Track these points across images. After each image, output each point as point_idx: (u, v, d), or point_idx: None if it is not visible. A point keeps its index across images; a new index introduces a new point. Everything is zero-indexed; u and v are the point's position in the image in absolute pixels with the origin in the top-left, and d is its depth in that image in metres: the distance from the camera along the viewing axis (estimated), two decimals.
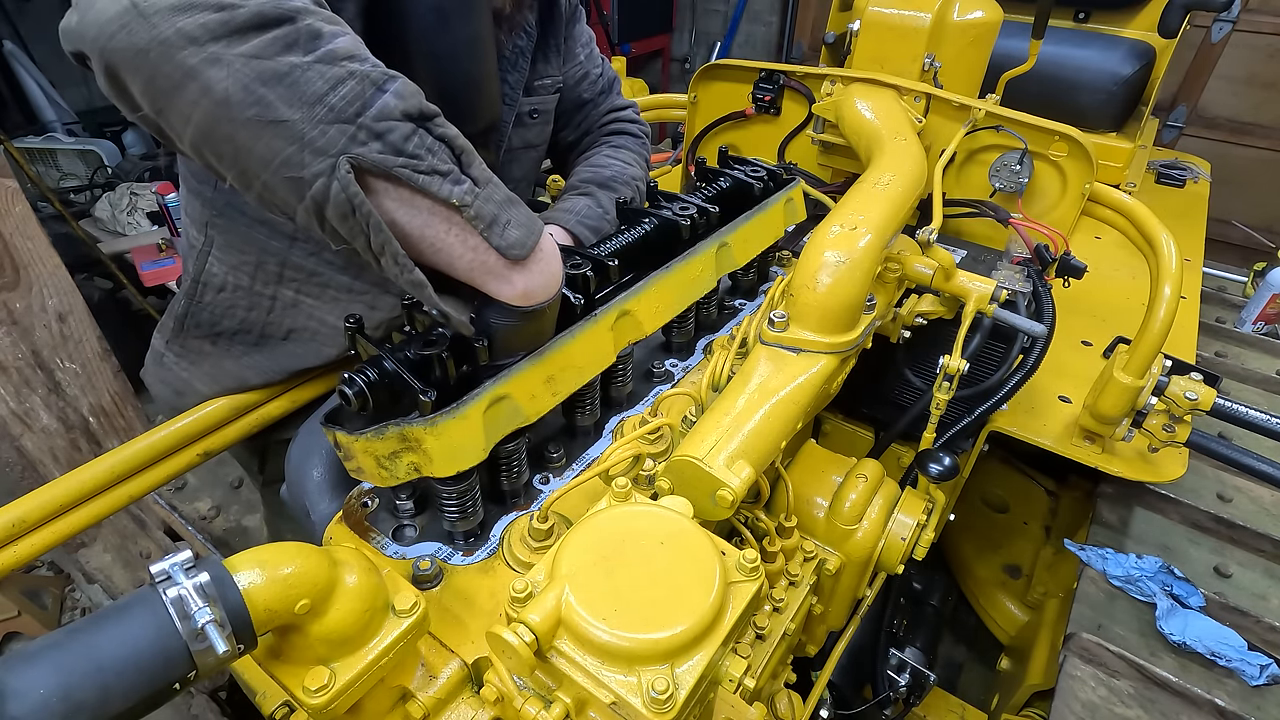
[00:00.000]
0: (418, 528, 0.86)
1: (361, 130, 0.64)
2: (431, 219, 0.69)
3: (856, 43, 1.60)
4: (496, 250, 0.72)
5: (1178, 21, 2.34)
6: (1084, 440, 1.44)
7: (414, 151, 0.66)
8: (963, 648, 2.22)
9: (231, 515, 2.12)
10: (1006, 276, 1.36)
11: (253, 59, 0.62)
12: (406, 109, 0.66)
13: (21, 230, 1.68)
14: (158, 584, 0.53)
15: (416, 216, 0.69)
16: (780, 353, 0.99)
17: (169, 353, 1.24)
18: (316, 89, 0.63)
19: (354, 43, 0.68)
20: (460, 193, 0.68)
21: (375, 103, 0.64)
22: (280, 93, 0.62)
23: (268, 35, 0.62)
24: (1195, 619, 1.25)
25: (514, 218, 0.73)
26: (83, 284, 2.42)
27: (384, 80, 0.66)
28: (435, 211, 0.69)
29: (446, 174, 0.68)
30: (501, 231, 0.72)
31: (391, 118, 0.65)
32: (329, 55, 0.64)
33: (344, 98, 0.63)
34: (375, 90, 0.65)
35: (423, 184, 0.66)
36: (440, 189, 0.67)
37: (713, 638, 0.62)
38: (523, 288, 0.75)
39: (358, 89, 0.64)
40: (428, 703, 0.70)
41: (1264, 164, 3.91)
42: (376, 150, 0.64)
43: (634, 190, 1.36)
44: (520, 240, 0.73)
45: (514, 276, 0.75)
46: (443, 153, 0.68)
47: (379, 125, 0.64)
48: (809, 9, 5.19)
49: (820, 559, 1.18)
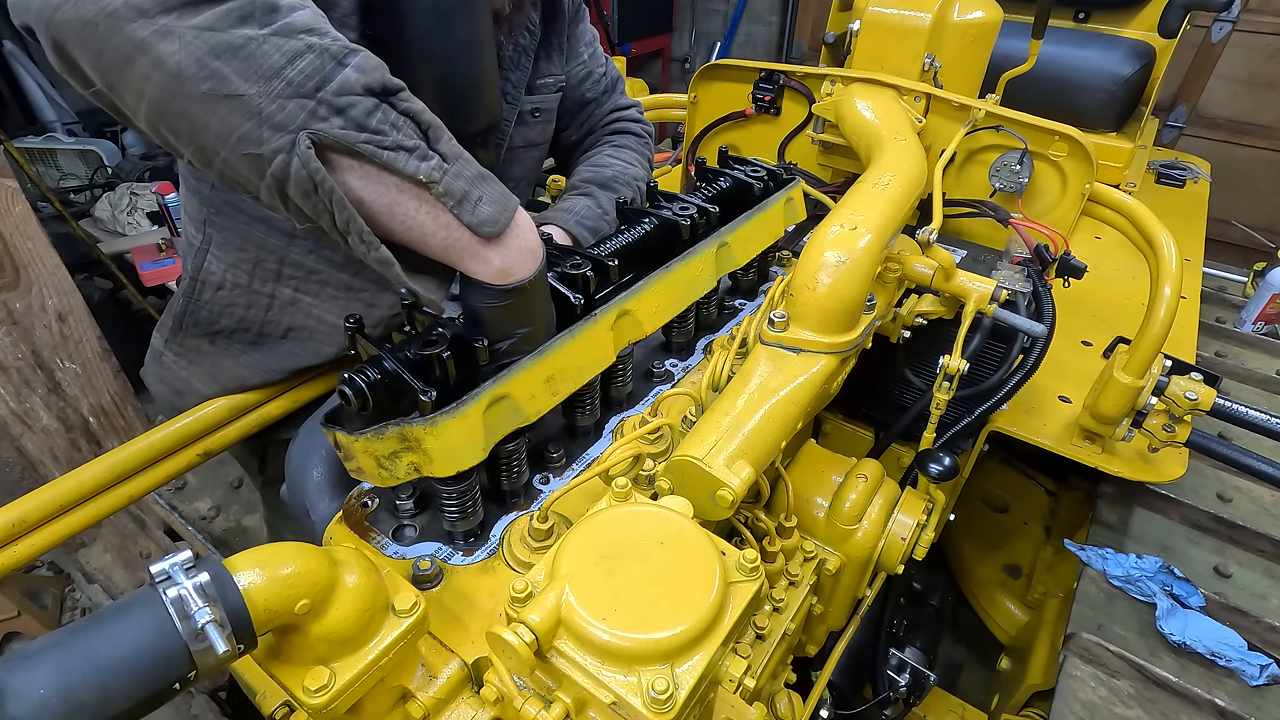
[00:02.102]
0: (418, 528, 0.86)
1: (322, 105, 0.62)
2: (399, 195, 0.68)
3: (856, 43, 1.60)
4: (468, 228, 0.70)
5: (1178, 21, 2.34)
6: (1084, 440, 1.44)
7: (377, 127, 0.64)
8: (963, 648, 2.22)
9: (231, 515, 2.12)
10: (1006, 276, 1.36)
11: (205, 31, 0.60)
12: (369, 83, 0.64)
13: (21, 230, 1.68)
14: (158, 584, 0.53)
15: (383, 193, 0.68)
16: (780, 353, 0.99)
17: (168, 352, 1.23)
18: (273, 62, 0.61)
19: (314, 16, 0.66)
20: (427, 168, 0.67)
21: (336, 77, 0.63)
22: (235, 66, 0.60)
23: (221, 7, 0.61)
24: (1195, 619, 1.25)
25: (485, 194, 0.71)
26: (83, 284, 2.42)
27: (345, 54, 0.64)
28: (402, 188, 0.68)
29: (412, 150, 0.66)
30: (473, 208, 0.70)
31: (353, 92, 0.63)
32: (286, 28, 0.62)
33: (302, 71, 0.62)
34: (335, 64, 0.63)
35: (387, 160, 0.65)
36: (406, 165, 0.66)
37: (713, 638, 0.62)
38: (499, 264, 0.74)
39: (317, 63, 0.62)
40: (428, 703, 0.70)
41: (1264, 164, 3.91)
42: (338, 126, 0.63)
43: (635, 190, 1.36)
44: (493, 217, 0.71)
45: (489, 254, 0.73)
46: (408, 128, 0.67)
47: (340, 100, 0.63)
48: (809, 9, 5.19)
49: (820, 559, 1.18)
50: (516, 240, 0.75)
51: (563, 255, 0.96)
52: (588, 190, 1.33)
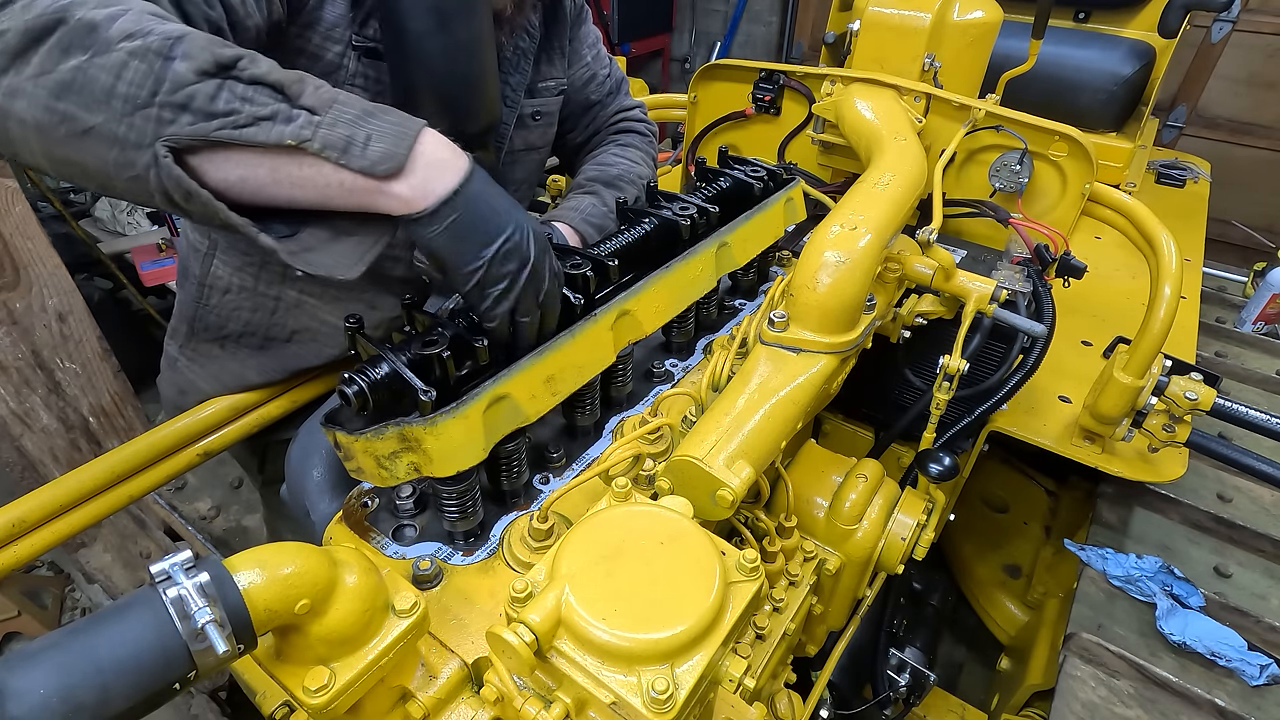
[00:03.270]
0: (418, 528, 0.86)
1: (165, 109, 0.60)
2: (279, 164, 0.66)
3: (856, 43, 1.60)
4: (362, 174, 0.66)
5: (1178, 21, 2.34)
6: (1084, 440, 1.44)
7: (226, 109, 0.62)
8: (963, 648, 2.22)
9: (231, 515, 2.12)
10: (1006, 276, 1.36)
11: (40, 77, 0.59)
12: (200, 67, 0.62)
13: (21, 230, 1.68)
14: (158, 584, 0.53)
15: (261, 168, 0.65)
16: (780, 353, 0.99)
17: (181, 357, 1.25)
18: (104, 84, 0.60)
19: (136, 19, 0.63)
20: (294, 130, 0.64)
21: (167, 75, 0.61)
22: (77, 101, 0.60)
23: (43, 47, 0.60)
24: (1195, 619, 1.25)
25: (375, 131, 0.68)
26: (83, 284, 2.42)
27: (169, 47, 0.62)
28: (277, 157, 0.65)
29: (272, 116, 0.64)
30: (361, 151, 0.66)
31: (187, 83, 0.61)
32: (104, 45, 0.60)
33: (132, 83, 0.60)
34: (163, 62, 0.61)
35: (247, 137, 0.62)
36: (269, 135, 0.63)
37: (713, 638, 0.62)
38: (407, 193, 0.69)
39: (143, 68, 0.60)
40: (428, 703, 0.70)
41: (1264, 164, 3.91)
42: (188, 123, 0.61)
43: (640, 189, 1.36)
44: (387, 152, 0.67)
45: (395, 186, 0.69)
46: (261, 96, 0.64)
47: (178, 96, 0.61)
48: (809, 9, 5.19)
49: (820, 559, 1.18)
50: (423, 160, 0.70)
51: (563, 255, 0.96)
52: (593, 189, 1.33)
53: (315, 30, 0.97)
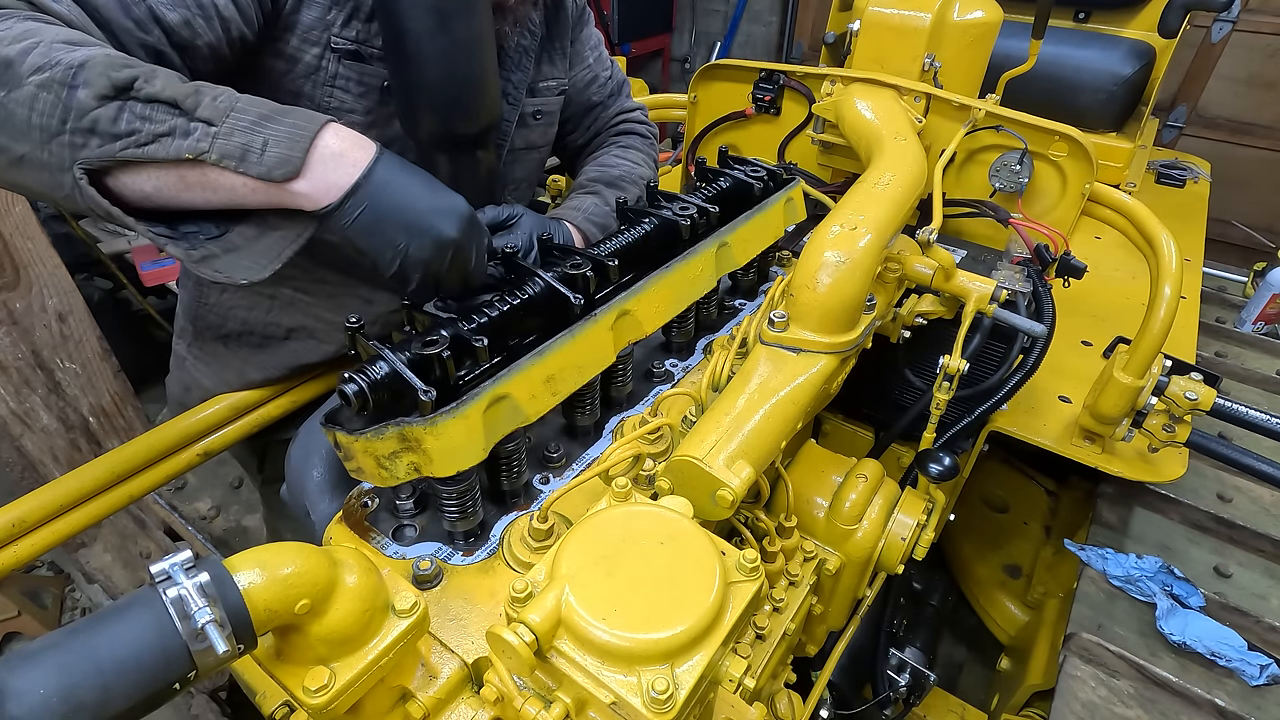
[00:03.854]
0: (418, 528, 0.86)
1: (75, 135, 0.64)
2: (185, 174, 0.69)
3: (856, 43, 1.60)
4: (261, 179, 0.69)
5: (1178, 21, 2.34)
6: (1084, 440, 1.44)
7: (128, 129, 0.65)
8: (963, 648, 2.22)
9: (231, 515, 2.12)
10: (1006, 276, 1.36)
11: None
12: (99, 92, 0.65)
13: (21, 230, 1.68)
14: (158, 584, 0.53)
15: (170, 180, 0.69)
16: (780, 353, 0.99)
17: (189, 356, 1.27)
18: (21, 116, 0.64)
19: (45, 51, 0.66)
20: (190, 144, 0.67)
21: (73, 103, 0.64)
22: (4, 133, 0.64)
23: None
24: (1195, 619, 1.25)
25: (272, 136, 0.69)
26: (83, 284, 2.42)
27: (70, 75, 0.65)
28: (180, 169, 0.68)
29: (170, 132, 0.67)
30: (259, 158, 0.69)
31: (88, 110, 0.65)
32: (16, 79, 0.64)
33: (43, 113, 0.64)
34: (67, 91, 0.64)
35: (149, 154, 0.66)
36: (168, 151, 0.66)
37: (713, 638, 0.62)
38: (308, 190, 0.72)
39: (51, 99, 0.64)
40: (428, 703, 0.70)
41: (1264, 164, 3.91)
42: (96, 146, 0.65)
43: (641, 189, 1.36)
44: (284, 157, 0.69)
45: (296, 186, 0.71)
46: (158, 113, 0.67)
47: (84, 122, 0.64)
48: (809, 9, 5.19)
49: (820, 559, 1.18)
50: (322, 156, 0.72)
51: (563, 255, 0.96)
52: (595, 189, 1.33)
53: (293, 33, 0.97)
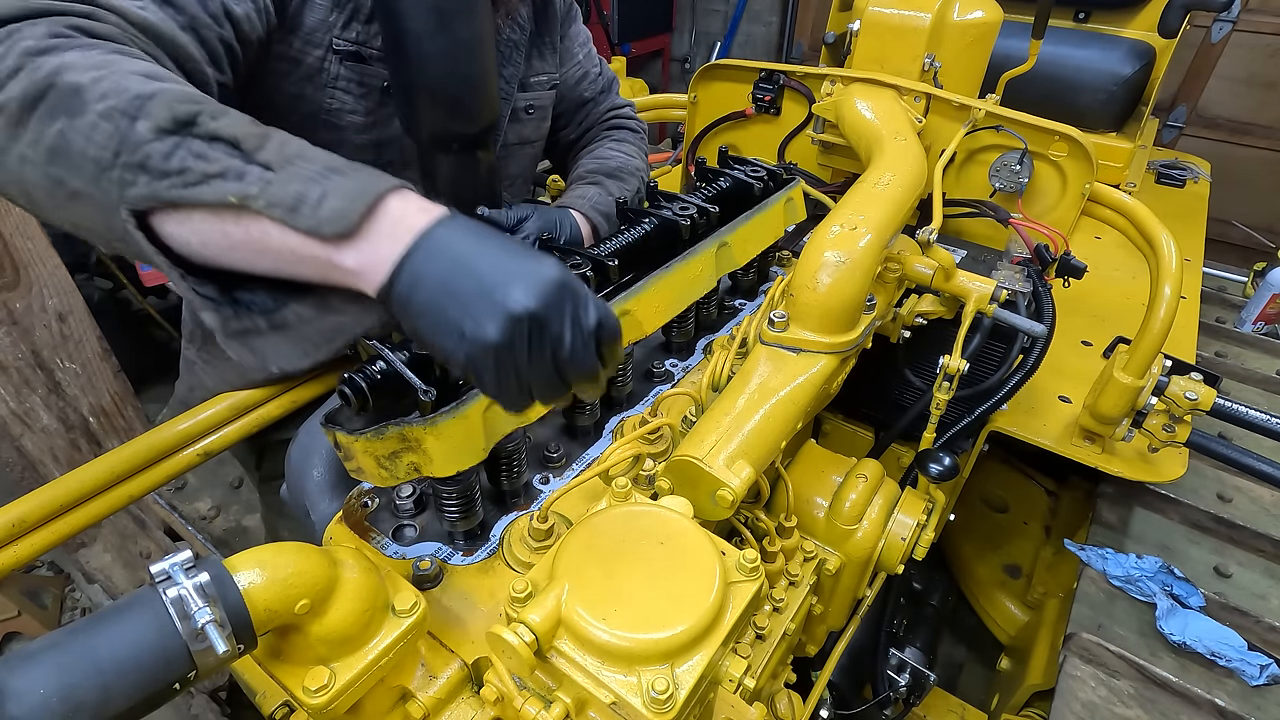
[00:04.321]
0: (418, 528, 0.86)
1: (126, 170, 0.59)
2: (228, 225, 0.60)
3: (856, 43, 1.60)
4: (308, 233, 0.58)
5: (1178, 21, 2.34)
6: (1084, 440, 1.44)
7: (179, 166, 0.59)
8: (963, 648, 2.22)
9: (231, 515, 2.12)
10: (1006, 276, 1.36)
11: (35, 144, 0.60)
12: (158, 125, 0.60)
13: (21, 230, 1.68)
14: (158, 584, 0.53)
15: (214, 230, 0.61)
16: (780, 353, 0.99)
17: (199, 360, 1.27)
18: (79, 147, 0.59)
19: (118, 80, 0.61)
20: (239, 188, 0.58)
21: (131, 135, 0.59)
22: (64, 165, 0.60)
23: (36, 113, 0.60)
24: (1195, 619, 1.25)
25: (333, 188, 0.59)
26: (83, 284, 2.42)
27: (137, 106, 0.60)
28: (226, 217, 0.60)
29: (222, 173, 0.59)
30: (312, 210, 0.58)
31: (144, 143, 0.59)
32: (82, 107, 0.60)
33: (100, 145, 0.59)
34: (129, 122, 0.59)
35: (194, 196, 0.59)
36: (214, 193, 0.59)
37: (713, 638, 0.62)
38: (354, 263, 0.59)
39: (110, 129, 0.59)
40: (428, 703, 0.70)
41: (1264, 164, 3.91)
42: (144, 183, 0.59)
43: (639, 180, 1.37)
44: (339, 211, 0.58)
45: (343, 254, 0.59)
46: (215, 152, 0.60)
47: (135, 157, 0.59)
48: (809, 9, 5.18)
49: (820, 559, 1.18)
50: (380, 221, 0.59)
51: (563, 255, 0.96)
52: (596, 179, 1.34)
53: (296, 35, 0.97)
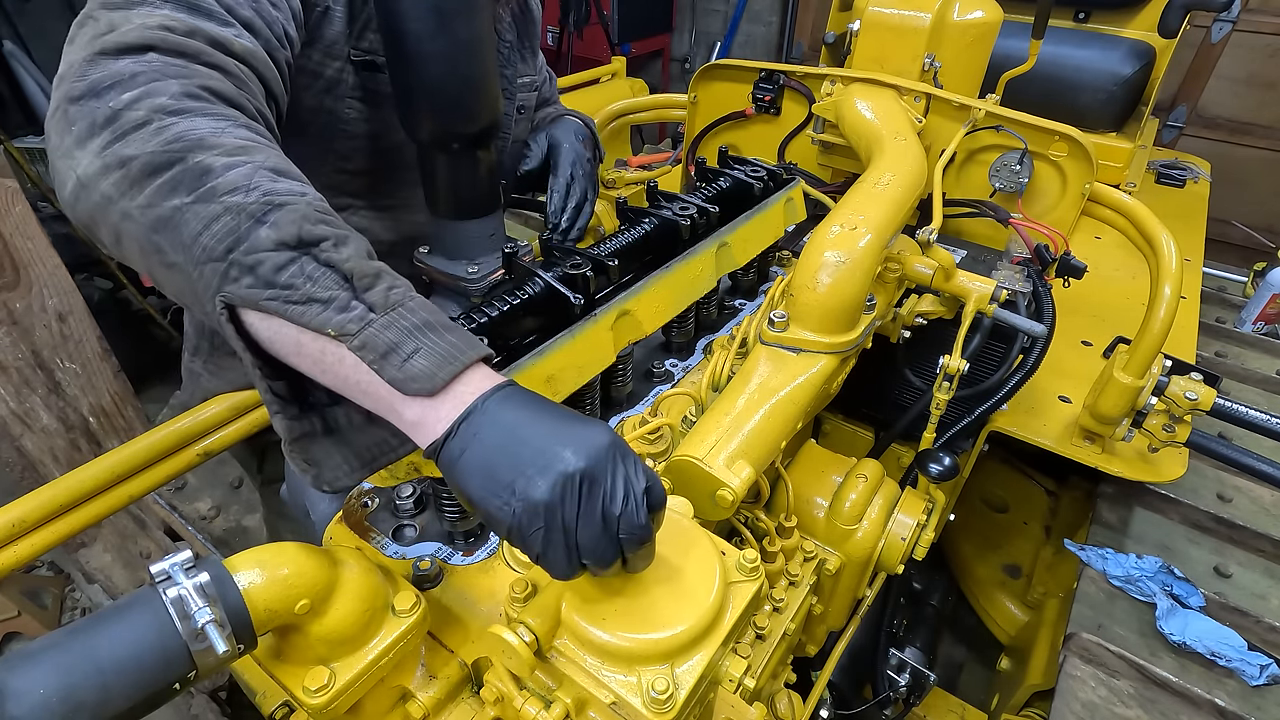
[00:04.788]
0: (418, 528, 0.86)
1: (233, 267, 0.61)
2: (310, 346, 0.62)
3: (856, 43, 1.60)
4: (391, 384, 0.61)
5: (1178, 21, 2.34)
6: (1084, 440, 1.44)
7: (288, 281, 0.61)
8: (963, 648, 2.22)
9: (231, 515, 2.12)
10: (1006, 276, 1.36)
11: (146, 208, 0.62)
12: (281, 238, 0.61)
13: (21, 230, 1.68)
14: (158, 584, 0.53)
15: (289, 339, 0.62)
16: (780, 353, 0.99)
17: (205, 372, 1.28)
18: (192, 230, 0.61)
19: (249, 173, 0.63)
20: (340, 320, 0.61)
21: (249, 236, 0.61)
22: (167, 238, 0.62)
23: (156, 181, 0.62)
24: (1195, 619, 1.25)
25: (426, 346, 0.62)
26: (83, 284, 2.42)
27: (264, 211, 0.62)
28: (315, 339, 0.62)
29: (328, 302, 0.61)
30: (401, 363, 0.61)
31: (262, 249, 0.61)
32: (209, 193, 0.62)
33: (216, 235, 0.61)
34: (253, 224, 0.61)
35: (293, 314, 0.60)
36: (315, 318, 0.60)
37: (713, 638, 0.62)
38: (414, 416, 0.62)
39: (231, 224, 0.61)
40: (428, 703, 0.70)
41: (1264, 164, 3.91)
42: (246, 285, 0.60)
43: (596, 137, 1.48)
44: (427, 372, 0.61)
45: (411, 407, 0.62)
46: (326, 279, 0.62)
47: (248, 259, 0.61)
48: (809, 9, 5.18)
49: (820, 559, 1.18)
50: (453, 400, 0.62)
51: (563, 255, 0.96)
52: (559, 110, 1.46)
53: (316, 48, 0.97)
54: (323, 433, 0.67)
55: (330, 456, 0.67)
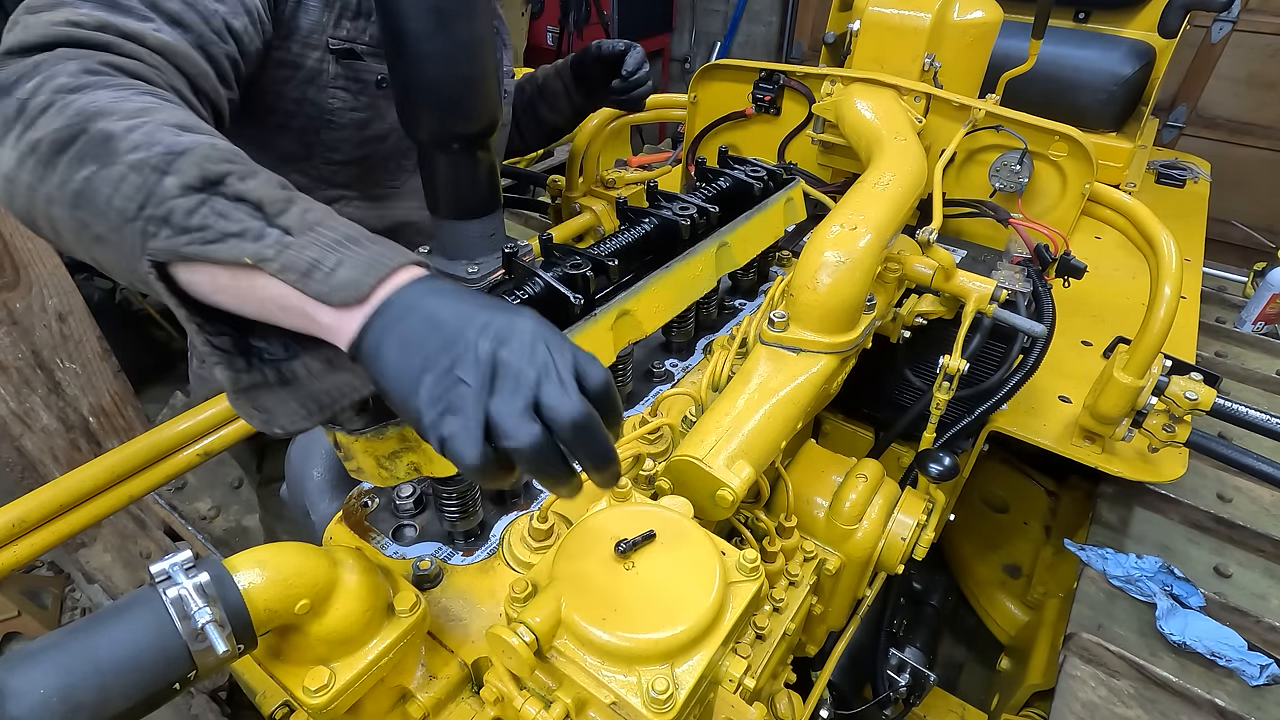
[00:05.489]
0: (418, 528, 0.86)
1: (150, 223, 0.60)
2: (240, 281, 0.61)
3: (856, 43, 1.60)
4: (316, 299, 0.59)
5: (1178, 21, 2.34)
6: (1084, 440, 1.44)
7: (200, 223, 0.60)
8: (963, 648, 2.22)
9: (231, 515, 2.12)
10: (1006, 276, 1.36)
11: (62, 186, 0.62)
12: (186, 182, 0.61)
13: (21, 230, 1.68)
14: (158, 584, 0.53)
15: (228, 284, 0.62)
16: (780, 353, 0.99)
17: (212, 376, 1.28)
18: (104, 196, 0.61)
19: (150, 131, 0.63)
20: (256, 249, 0.60)
21: (157, 189, 0.60)
22: (88, 211, 0.61)
23: (65, 157, 0.62)
24: (1195, 619, 1.25)
25: (349, 258, 0.61)
26: (83, 284, 2.41)
27: (168, 161, 0.61)
28: (238, 274, 0.61)
29: (241, 234, 0.60)
30: (325, 276, 0.59)
31: (171, 197, 0.60)
32: (112, 155, 0.61)
33: (126, 195, 0.60)
34: (158, 176, 0.61)
35: (211, 253, 0.60)
36: (230, 251, 0.60)
37: (713, 638, 0.62)
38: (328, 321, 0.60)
39: (138, 181, 0.60)
40: (428, 703, 0.70)
41: (1264, 164, 3.91)
42: (165, 236, 0.60)
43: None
44: (352, 280, 0.59)
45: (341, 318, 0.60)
46: (237, 213, 0.61)
47: (160, 210, 0.60)
48: (809, 9, 5.18)
49: (820, 559, 1.18)
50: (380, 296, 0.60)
51: (563, 255, 0.96)
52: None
53: (294, 39, 0.97)
54: (277, 384, 0.65)
55: (284, 404, 0.65)
